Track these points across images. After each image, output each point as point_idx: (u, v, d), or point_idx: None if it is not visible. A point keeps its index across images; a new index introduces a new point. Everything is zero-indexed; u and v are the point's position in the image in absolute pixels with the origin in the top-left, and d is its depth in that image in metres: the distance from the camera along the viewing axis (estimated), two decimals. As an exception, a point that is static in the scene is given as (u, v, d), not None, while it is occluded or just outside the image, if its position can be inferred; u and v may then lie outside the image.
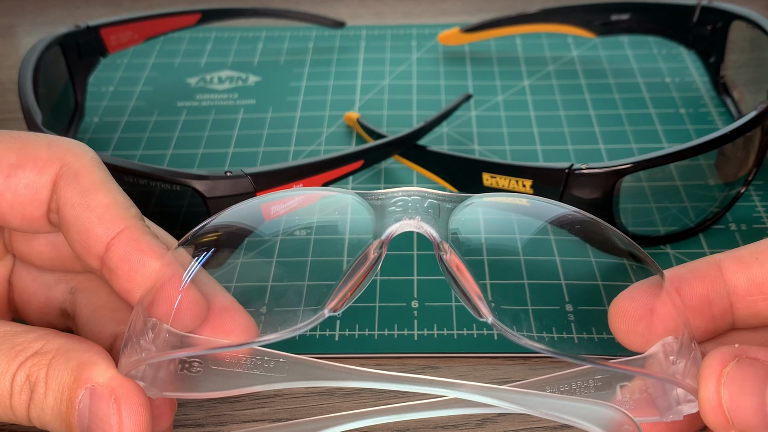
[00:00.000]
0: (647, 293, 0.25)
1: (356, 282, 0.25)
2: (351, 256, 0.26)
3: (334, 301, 0.25)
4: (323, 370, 0.27)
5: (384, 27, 0.62)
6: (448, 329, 0.35)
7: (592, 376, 0.27)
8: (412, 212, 0.26)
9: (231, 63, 0.57)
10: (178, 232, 0.39)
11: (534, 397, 0.25)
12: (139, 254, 0.26)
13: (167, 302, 0.25)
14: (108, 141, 0.49)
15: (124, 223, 0.26)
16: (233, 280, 0.27)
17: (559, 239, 0.27)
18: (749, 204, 0.42)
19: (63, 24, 0.60)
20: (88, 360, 0.25)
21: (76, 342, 0.26)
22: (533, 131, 0.49)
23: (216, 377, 0.27)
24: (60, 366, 0.25)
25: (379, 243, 0.26)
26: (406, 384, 0.26)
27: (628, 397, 0.27)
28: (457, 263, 0.25)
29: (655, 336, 0.25)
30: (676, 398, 0.25)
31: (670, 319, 0.25)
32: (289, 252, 0.28)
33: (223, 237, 0.26)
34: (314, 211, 0.28)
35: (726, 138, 0.37)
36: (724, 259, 0.26)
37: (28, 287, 0.31)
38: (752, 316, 0.26)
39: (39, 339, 0.25)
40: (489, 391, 0.25)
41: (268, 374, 0.27)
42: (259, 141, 0.48)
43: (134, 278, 0.26)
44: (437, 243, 0.26)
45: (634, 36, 0.58)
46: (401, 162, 0.44)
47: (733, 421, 0.23)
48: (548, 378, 0.28)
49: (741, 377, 0.23)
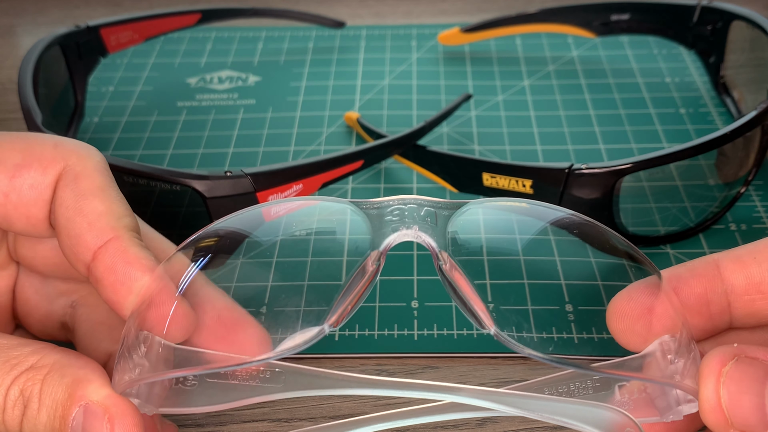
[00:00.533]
0: (645, 292, 0.25)
1: (356, 296, 0.25)
2: (349, 269, 0.26)
3: (334, 317, 0.25)
4: (320, 378, 0.26)
5: (384, 27, 0.62)
6: (448, 329, 0.35)
7: (591, 376, 0.27)
8: (409, 221, 0.26)
9: (231, 63, 0.57)
10: (178, 232, 0.39)
11: (533, 401, 0.25)
12: (125, 265, 0.26)
13: (158, 314, 0.25)
14: (108, 141, 0.49)
15: (113, 232, 0.26)
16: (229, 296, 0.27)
17: (558, 242, 0.27)
18: (749, 204, 0.42)
19: (63, 24, 0.60)
20: (83, 377, 0.25)
21: (72, 357, 0.25)
22: (533, 131, 0.49)
23: (212, 390, 0.27)
24: (54, 382, 0.25)
25: (377, 254, 0.25)
26: (403, 390, 0.26)
27: (627, 397, 0.27)
28: (457, 274, 0.25)
29: (654, 335, 0.25)
30: (675, 398, 0.25)
31: (668, 318, 0.25)
32: (286, 267, 0.27)
33: (217, 247, 0.26)
34: (311, 224, 0.28)
35: (726, 138, 0.37)
36: (722, 259, 0.26)
37: (31, 299, 0.30)
38: (750, 316, 0.26)
39: (35, 353, 0.25)
40: (487, 394, 0.25)
41: (264, 385, 0.27)
42: (259, 141, 0.48)
43: (119, 290, 0.26)
44: (436, 253, 0.25)
45: (634, 36, 0.58)
46: (401, 162, 0.44)
47: (732, 420, 0.23)
48: (546, 379, 0.28)
49: (740, 377, 0.23)
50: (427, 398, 0.26)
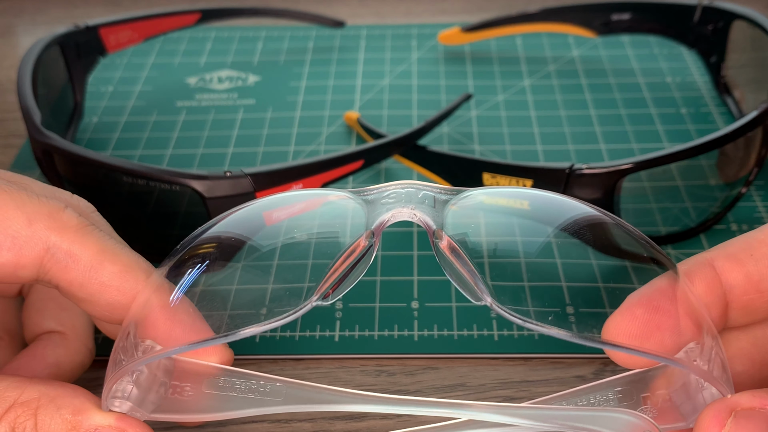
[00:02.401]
0: (651, 305, 0.23)
1: (346, 270, 0.24)
2: (344, 248, 0.25)
3: (323, 289, 0.24)
4: (322, 393, 0.26)
5: (384, 26, 0.61)
6: (448, 330, 0.35)
7: (612, 387, 0.27)
8: (405, 202, 0.25)
9: (231, 63, 0.57)
10: (177, 232, 0.39)
11: (551, 412, 0.25)
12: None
13: (152, 323, 0.25)
14: (107, 141, 0.49)
15: (140, 284, 0.26)
16: (222, 281, 0.26)
17: (559, 227, 0.26)
18: (750, 204, 0.42)
19: (62, 23, 0.60)
20: (81, 405, 0.25)
21: (57, 388, 0.25)
22: (534, 131, 0.48)
23: (208, 401, 0.27)
24: (50, 414, 0.24)
25: (370, 233, 0.25)
26: (411, 406, 0.25)
27: (650, 406, 0.26)
28: (453, 246, 0.25)
29: (671, 349, 0.23)
30: (702, 402, 0.24)
31: (687, 324, 0.23)
32: (279, 252, 0.27)
33: (211, 245, 0.26)
34: (305, 212, 0.27)
35: (727, 138, 0.37)
36: (717, 258, 0.25)
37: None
38: (747, 314, 0.26)
39: (14, 388, 0.25)
40: (502, 409, 0.24)
41: (263, 398, 0.27)
42: (259, 141, 0.48)
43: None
44: (432, 230, 0.25)
45: (635, 35, 0.57)
46: (401, 162, 0.44)
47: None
48: (564, 394, 0.27)
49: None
50: (432, 414, 0.25)
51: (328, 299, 0.24)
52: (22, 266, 0.26)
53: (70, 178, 0.39)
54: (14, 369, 0.29)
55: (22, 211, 0.26)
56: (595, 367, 0.33)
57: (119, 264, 0.26)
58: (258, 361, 0.34)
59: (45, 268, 0.26)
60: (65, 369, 0.29)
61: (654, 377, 0.27)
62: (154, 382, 0.26)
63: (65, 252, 0.26)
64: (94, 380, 0.32)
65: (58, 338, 0.30)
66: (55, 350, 0.29)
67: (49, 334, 0.30)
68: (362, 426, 0.31)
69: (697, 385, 0.25)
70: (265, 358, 0.34)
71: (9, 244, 0.25)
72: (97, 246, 0.26)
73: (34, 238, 0.25)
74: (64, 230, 0.26)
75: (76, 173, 0.38)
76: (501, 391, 0.32)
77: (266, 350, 0.34)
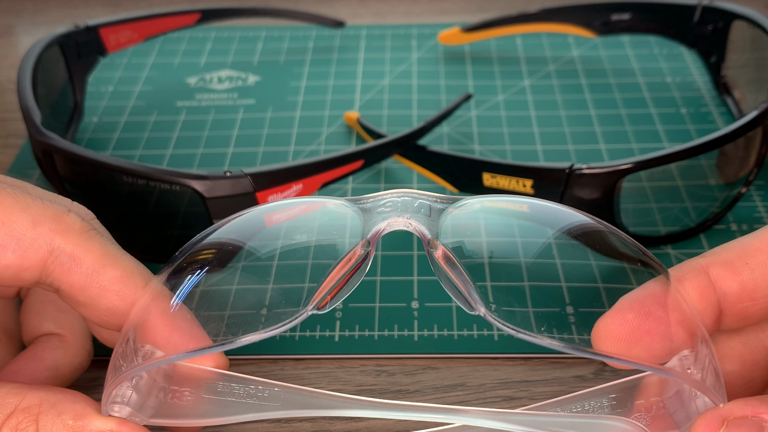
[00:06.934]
0: (641, 309, 0.23)
1: (342, 280, 0.24)
2: (339, 257, 0.25)
3: (318, 297, 0.24)
4: (319, 399, 0.26)
5: (384, 26, 0.61)
6: (448, 330, 0.35)
7: (606, 394, 0.27)
8: (401, 211, 0.26)
9: (231, 63, 0.57)
10: (177, 232, 0.39)
11: (544, 418, 0.25)
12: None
13: (152, 328, 0.25)
14: (107, 141, 0.49)
15: (139, 291, 0.26)
16: (219, 289, 0.26)
17: (557, 237, 0.26)
18: (750, 204, 0.42)
19: (62, 23, 0.60)
20: (82, 411, 0.25)
21: (57, 393, 0.25)
22: (533, 131, 0.48)
23: (207, 406, 0.27)
24: (52, 419, 0.24)
25: (366, 242, 0.25)
26: (406, 412, 0.25)
27: (644, 413, 0.26)
28: (448, 256, 0.25)
29: (658, 356, 0.23)
30: (695, 410, 0.24)
31: (678, 331, 0.23)
32: (275, 260, 0.27)
33: (209, 252, 0.26)
34: (301, 222, 0.27)
35: (727, 138, 0.37)
36: (712, 265, 0.25)
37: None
38: (740, 321, 0.25)
39: (15, 394, 0.25)
40: (497, 415, 0.25)
41: (261, 403, 0.27)
42: (259, 141, 0.48)
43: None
44: (427, 240, 0.25)
45: (635, 36, 0.57)
46: (401, 162, 0.44)
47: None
48: (559, 400, 0.27)
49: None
50: (427, 420, 0.25)
51: (325, 308, 0.25)
52: (26, 268, 0.26)
53: (70, 178, 0.39)
54: (13, 371, 0.29)
55: (27, 214, 0.26)
56: (595, 367, 0.33)
57: (120, 269, 0.26)
58: (258, 361, 0.34)
59: (48, 270, 0.26)
60: (64, 371, 0.30)
61: (648, 385, 0.26)
62: (154, 387, 0.26)
63: (69, 255, 0.26)
64: (93, 381, 0.32)
65: (57, 340, 0.30)
66: (54, 352, 0.29)
67: (47, 337, 0.30)
68: (362, 426, 0.31)
69: (691, 393, 0.25)
70: (265, 358, 0.34)
71: (14, 245, 0.25)
72: (100, 250, 0.26)
73: (38, 240, 0.26)
74: (68, 233, 0.26)
75: (77, 173, 0.38)
76: (501, 391, 0.32)
77: (266, 350, 0.34)
